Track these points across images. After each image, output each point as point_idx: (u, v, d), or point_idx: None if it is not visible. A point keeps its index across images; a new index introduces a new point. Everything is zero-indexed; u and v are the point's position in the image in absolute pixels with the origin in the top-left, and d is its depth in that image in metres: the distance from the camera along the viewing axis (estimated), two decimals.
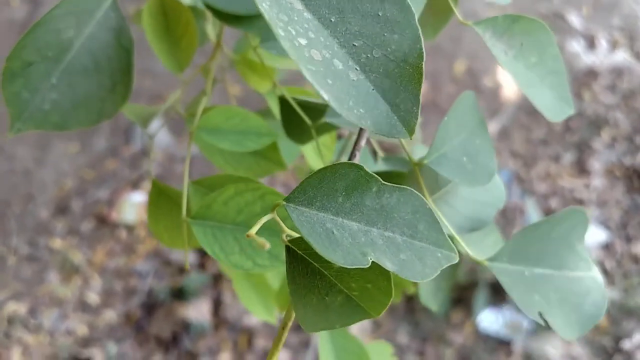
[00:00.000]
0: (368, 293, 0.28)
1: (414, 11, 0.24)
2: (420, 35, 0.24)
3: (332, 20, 0.24)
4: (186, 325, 1.34)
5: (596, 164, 1.58)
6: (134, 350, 1.33)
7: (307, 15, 0.23)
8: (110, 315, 1.37)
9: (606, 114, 1.65)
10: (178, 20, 0.42)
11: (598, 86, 1.71)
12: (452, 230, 0.37)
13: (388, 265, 0.25)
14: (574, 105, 0.41)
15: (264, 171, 0.46)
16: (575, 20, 1.88)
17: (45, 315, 1.37)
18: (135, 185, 1.59)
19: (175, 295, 1.38)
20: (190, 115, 0.41)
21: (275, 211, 0.27)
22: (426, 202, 0.27)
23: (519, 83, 0.39)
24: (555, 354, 1.28)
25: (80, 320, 1.37)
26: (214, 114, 0.41)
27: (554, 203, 1.52)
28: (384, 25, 0.24)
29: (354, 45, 0.24)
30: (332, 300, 0.28)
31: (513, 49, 0.41)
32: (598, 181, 1.55)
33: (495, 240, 0.48)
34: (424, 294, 0.48)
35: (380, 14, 0.24)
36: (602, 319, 1.31)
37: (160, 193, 0.46)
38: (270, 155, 0.46)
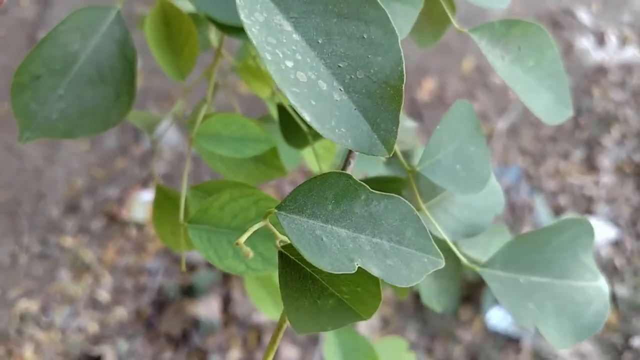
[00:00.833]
0: (358, 296, 0.29)
1: (397, 34, 0.25)
2: (402, 58, 0.25)
3: (320, 41, 0.24)
4: (196, 323, 1.34)
5: (606, 161, 1.56)
6: (144, 347, 1.34)
7: (296, 36, 0.24)
8: (121, 313, 1.38)
9: (616, 111, 1.64)
10: (179, 30, 0.42)
11: (608, 83, 1.69)
12: (445, 236, 0.38)
13: (374, 271, 0.26)
14: (583, 102, 0.41)
15: (264, 176, 0.46)
16: (584, 16, 1.87)
17: (56, 313, 1.38)
18: (145, 183, 1.60)
19: (185, 292, 1.39)
20: (191, 122, 0.42)
21: (268, 218, 0.28)
22: (414, 209, 0.28)
23: (515, 89, 0.38)
24: (564, 351, 1.27)
25: (91, 317, 1.38)
26: (213, 120, 0.42)
27: (563, 200, 1.52)
28: (368, 47, 0.24)
29: (339, 66, 0.24)
30: (324, 304, 0.29)
31: (510, 53, 0.41)
32: (607, 178, 1.54)
33: (504, 241, 0.48)
34: (426, 295, 0.47)
35: (365, 37, 0.25)
36: (612, 316, 1.31)
37: (165, 197, 0.47)
38: (271, 161, 0.46)
